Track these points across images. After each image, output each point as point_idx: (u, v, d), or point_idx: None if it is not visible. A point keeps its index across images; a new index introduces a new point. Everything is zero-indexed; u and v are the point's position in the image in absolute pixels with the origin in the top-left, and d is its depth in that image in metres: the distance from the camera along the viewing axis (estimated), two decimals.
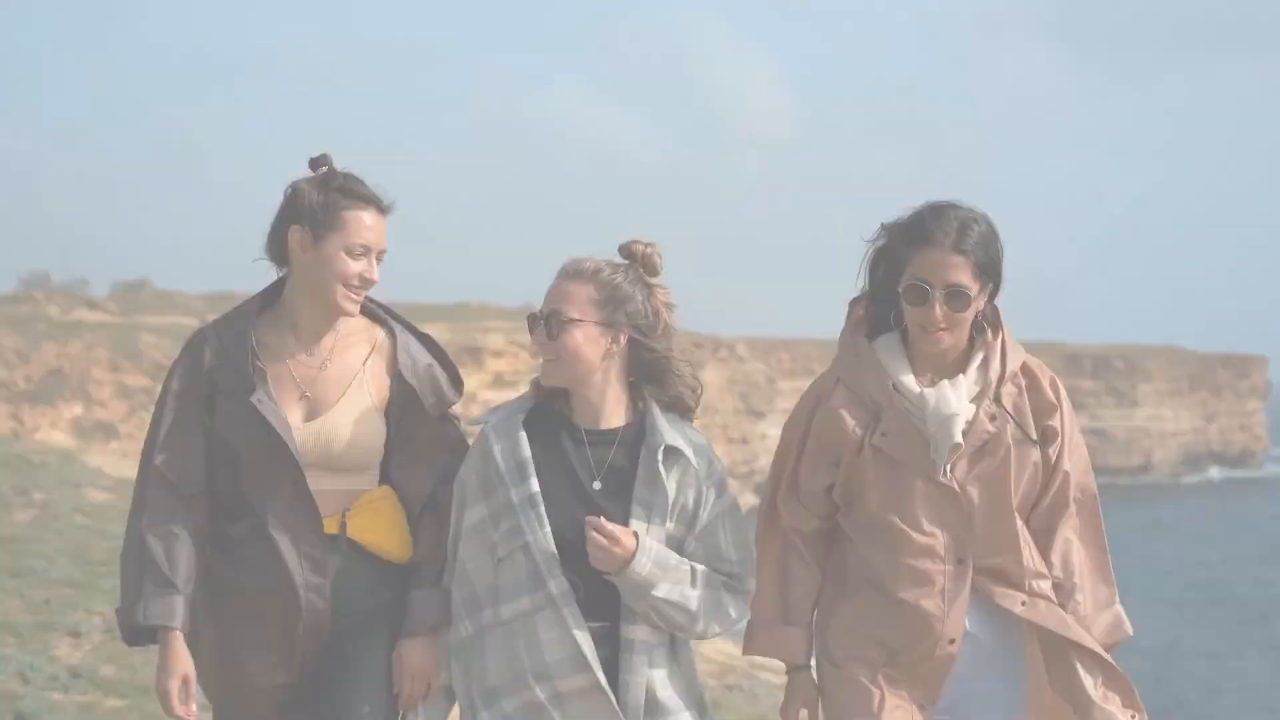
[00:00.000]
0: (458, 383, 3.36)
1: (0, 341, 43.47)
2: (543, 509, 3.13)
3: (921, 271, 3.11)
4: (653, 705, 3.15)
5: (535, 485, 3.15)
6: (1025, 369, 3.24)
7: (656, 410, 3.24)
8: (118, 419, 43.85)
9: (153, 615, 3.13)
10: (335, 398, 3.25)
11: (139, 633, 3.18)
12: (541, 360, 3.21)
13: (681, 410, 3.26)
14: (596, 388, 3.20)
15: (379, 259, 3.26)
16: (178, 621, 3.14)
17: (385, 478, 3.32)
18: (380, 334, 3.34)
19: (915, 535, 3.12)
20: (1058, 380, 3.27)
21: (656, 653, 3.17)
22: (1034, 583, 3.16)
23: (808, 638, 3.22)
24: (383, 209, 3.26)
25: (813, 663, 3.29)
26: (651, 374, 3.23)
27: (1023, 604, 3.15)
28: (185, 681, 3.17)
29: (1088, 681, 3.14)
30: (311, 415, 3.24)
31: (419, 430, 3.31)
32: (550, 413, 3.24)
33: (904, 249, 3.16)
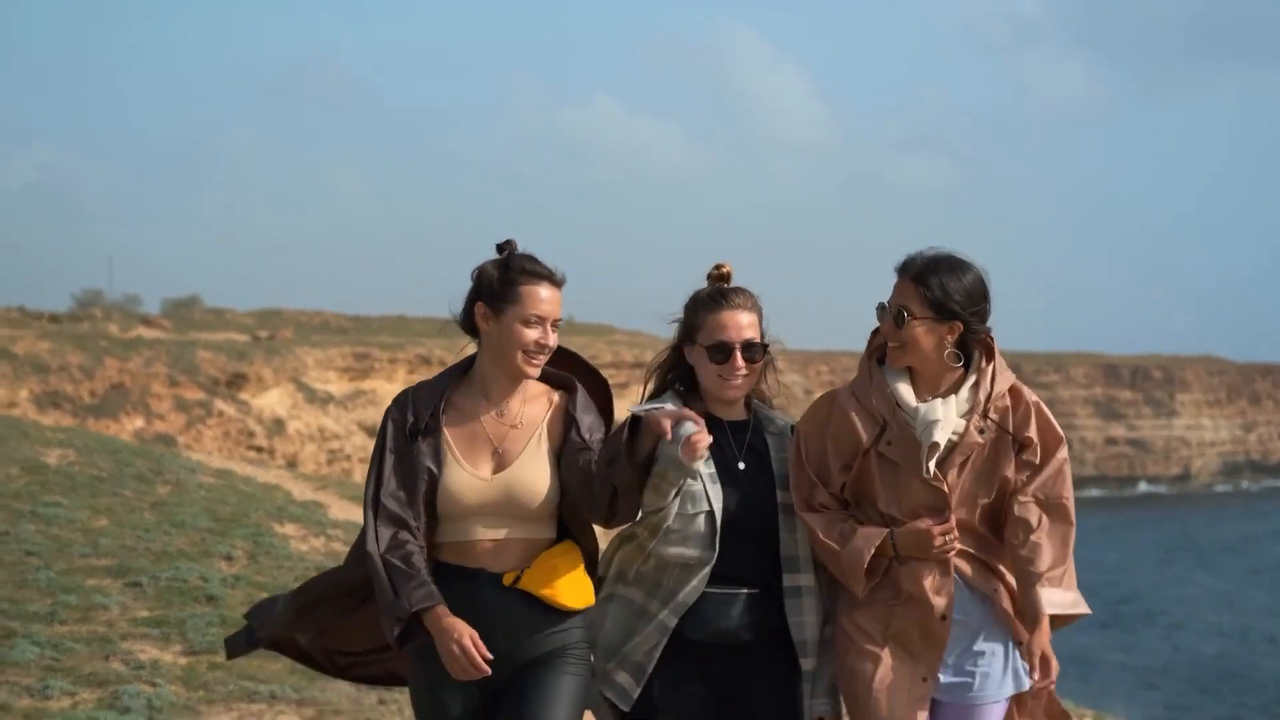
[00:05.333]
0: (611, 427, 3.58)
1: (66, 358, 45.70)
2: (719, 488, 3.55)
3: (890, 296, 3.59)
4: (826, 641, 3.58)
5: (714, 467, 3.56)
6: (1013, 391, 3.62)
7: (759, 405, 3.75)
8: (176, 431, 45.77)
9: (416, 601, 3.32)
10: (519, 452, 3.46)
11: (406, 632, 3.35)
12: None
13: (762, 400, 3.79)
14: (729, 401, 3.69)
15: (554, 327, 3.49)
16: (437, 599, 3.34)
17: (563, 528, 3.51)
18: (558, 394, 3.57)
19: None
20: (1041, 404, 3.64)
21: (817, 598, 3.58)
22: (1000, 569, 3.60)
23: (875, 530, 3.53)
24: (555, 282, 3.51)
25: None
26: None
27: (994, 589, 3.57)
28: (472, 639, 3.32)
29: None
30: (499, 468, 3.45)
31: (578, 456, 3.46)
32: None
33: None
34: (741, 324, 3.63)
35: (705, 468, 3.53)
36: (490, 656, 3.31)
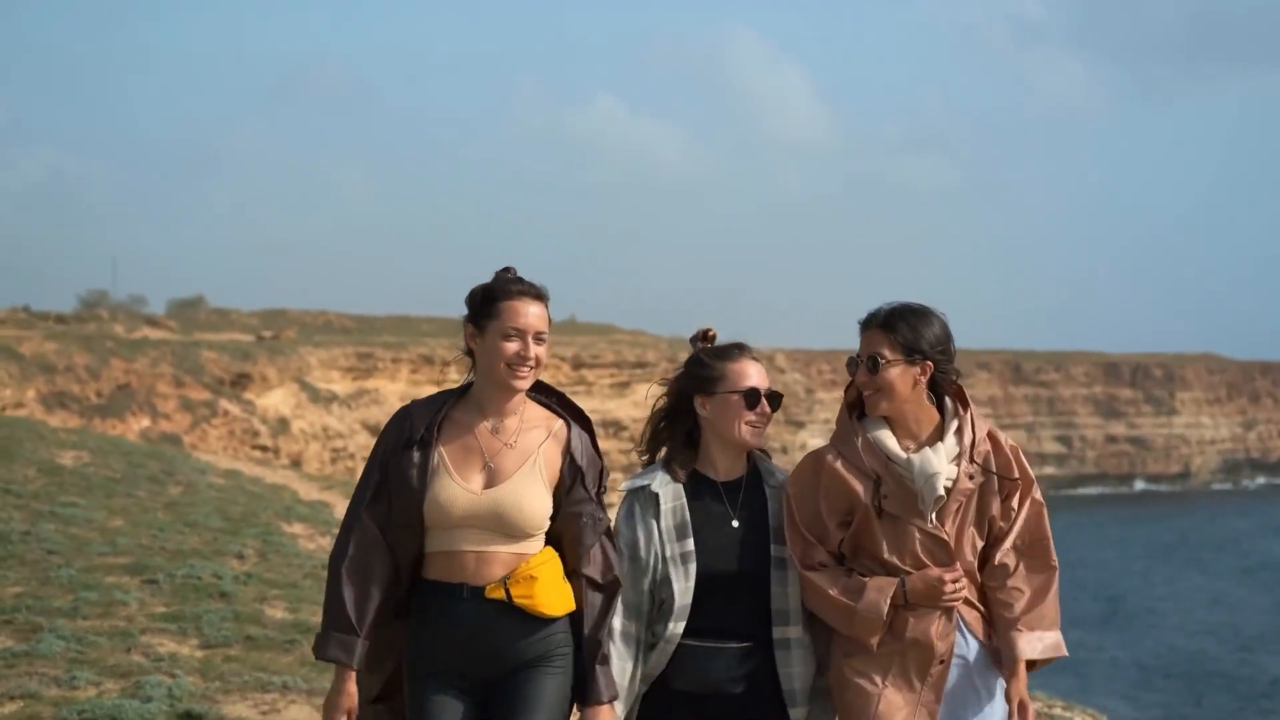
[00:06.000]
0: (605, 474, 3.71)
1: (73, 359, 46.01)
2: (694, 565, 3.65)
3: (859, 350, 3.72)
4: (817, 691, 3.70)
5: (691, 545, 3.65)
6: (990, 435, 3.74)
7: (760, 456, 3.84)
8: (182, 431, 45.98)
9: (332, 654, 3.51)
10: (512, 471, 3.58)
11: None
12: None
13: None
14: (736, 452, 3.80)
15: (537, 340, 3.61)
16: (354, 662, 3.50)
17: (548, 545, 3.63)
18: (558, 424, 3.68)
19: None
20: (1016, 447, 3.76)
21: (810, 649, 3.69)
22: (979, 606, 3.71)
23: (886, 580, 3.63)
24: (536, 296, 3.64)
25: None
26: None
27: (981, 627, 3.70)
28: (349, 715, 3.50)
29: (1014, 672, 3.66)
30: (489, 484, 3.57)
31: (579, 509, 3.61)
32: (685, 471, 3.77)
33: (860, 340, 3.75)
34: (760, 373, 3.78)
35: (678, 548, 3.65)
36: None
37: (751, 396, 3.72)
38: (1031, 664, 3.67)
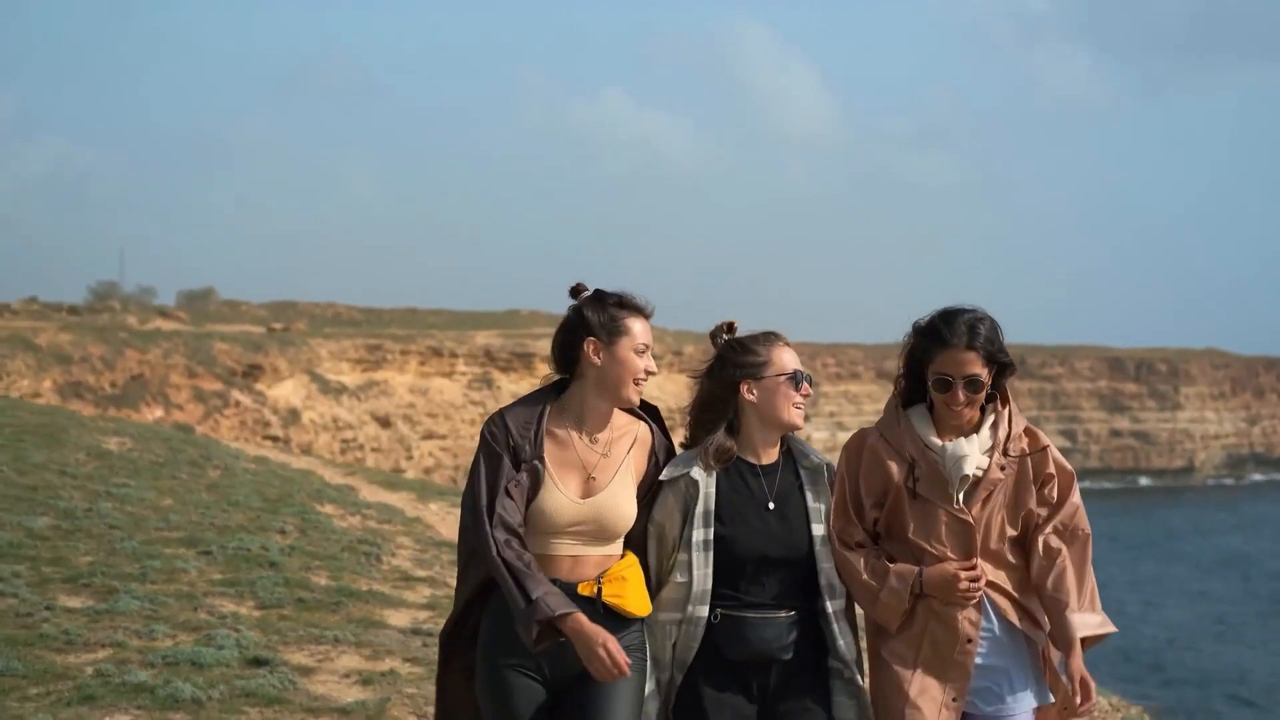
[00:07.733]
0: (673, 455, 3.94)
1: (88, 350, 46.91)
2: (712, 553, 3.80)
3: (943, 367, 3.81)
4: (859, 654, 3.88)
5: (713, 533, 3.80)
6: (1028, 430, 3.92)
7: (794, 439, 4.00)
8: (195, 420, 46.82)
9: (555, 607, 3.55)
10: (608, 479, 3.76)
11: (542, 632, 3.58)
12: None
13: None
14: (776, 435, 3.95)
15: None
16: (573, 606, 3.59)
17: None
18: (642, 428, 3.87)
19: (941, 556, 3.81)
20: (1053, 447, 3.94)
21: (851, 619, 3.89)
22: (1022, 598, 3.87)
23: (908, 568, 3.80)
24: (650, 315, 3.84)
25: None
26: None
27: (1015, 613, 3.84)
28: (607, 642, 3.56)
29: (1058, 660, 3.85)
30: (590, 493, 3.74)
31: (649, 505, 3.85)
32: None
33: (927, 348, 3.86)
34: (795, 357, 3.96)
35: (703, 534, 3.80)
36: (629, 660, 3.60)
37: (798, 378, 3.92)
38: (1084, 642, 3.83)
